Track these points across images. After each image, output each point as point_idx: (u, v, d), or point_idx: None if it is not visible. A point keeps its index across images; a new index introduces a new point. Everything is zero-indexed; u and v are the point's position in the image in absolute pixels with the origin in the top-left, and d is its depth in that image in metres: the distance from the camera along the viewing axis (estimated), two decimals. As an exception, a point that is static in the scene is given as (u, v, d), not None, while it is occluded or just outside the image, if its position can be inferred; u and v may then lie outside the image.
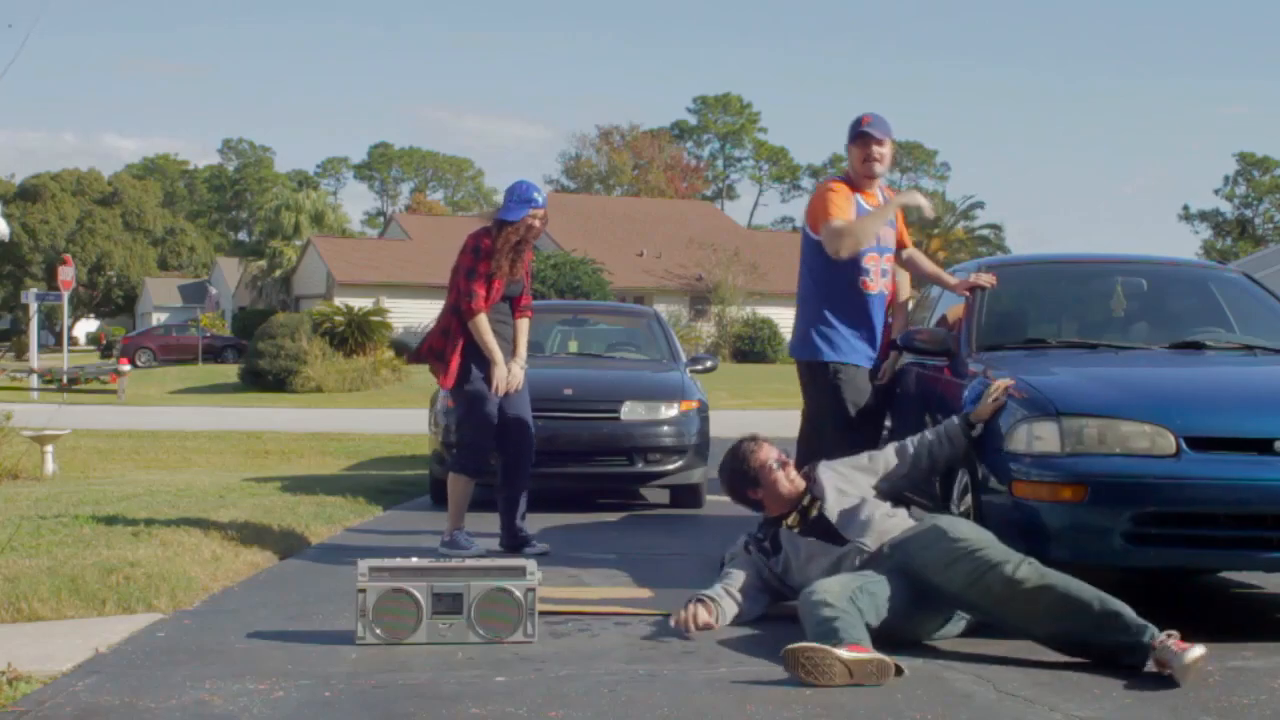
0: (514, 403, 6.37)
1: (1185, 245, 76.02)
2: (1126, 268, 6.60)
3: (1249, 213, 73.84)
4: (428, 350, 6.41)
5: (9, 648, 4.03)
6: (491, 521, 6.55)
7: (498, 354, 6.23)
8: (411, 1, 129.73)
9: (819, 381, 5.79)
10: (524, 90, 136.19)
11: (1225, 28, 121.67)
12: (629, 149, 74.25)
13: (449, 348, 6.29)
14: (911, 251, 6.16)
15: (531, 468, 6.48)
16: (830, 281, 5.80)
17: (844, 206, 5.69)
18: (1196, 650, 3.82)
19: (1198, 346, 5.65)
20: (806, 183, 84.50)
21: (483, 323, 6.22)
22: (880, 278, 5.82)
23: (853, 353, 5.76)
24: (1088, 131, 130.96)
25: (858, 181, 5.86)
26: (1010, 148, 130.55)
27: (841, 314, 5.79)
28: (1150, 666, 3.92)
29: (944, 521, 4.42)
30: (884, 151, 5.79)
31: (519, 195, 6.27)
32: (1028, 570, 4.11)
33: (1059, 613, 4.05)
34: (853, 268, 5.76)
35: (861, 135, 5.77)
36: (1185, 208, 76.89)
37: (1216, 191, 74.96)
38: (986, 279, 5.93)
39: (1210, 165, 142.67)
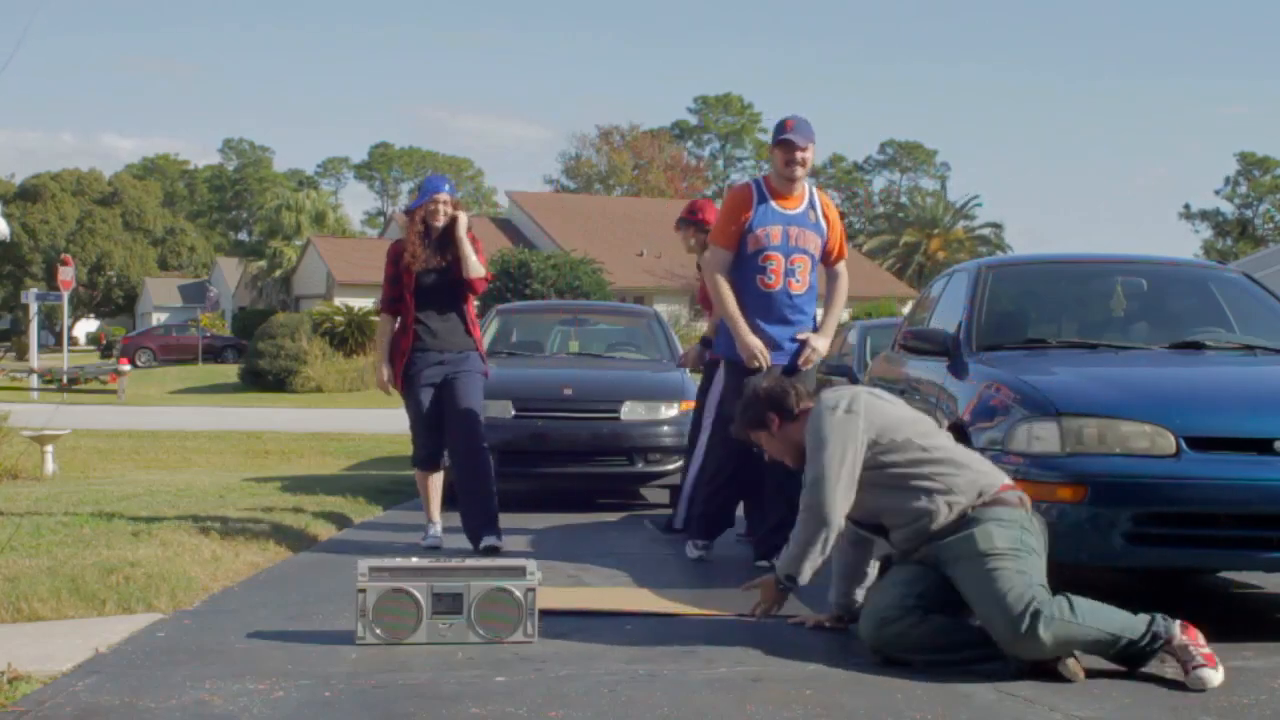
0: (458, 401, 6.42)
1: (1185, 245, 76.09)
2: (1126, 268, 6.60)
3: (1249, 213, 73.83)
4: None
5: (9, 648, 4.03)
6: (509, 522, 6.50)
7: (381, 355, 6.59)
8: (411, 1, 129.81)
9: (737, 379, 5.89)
10: (524, 90, 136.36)
11: (1225, 28, 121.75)
12: (629, 149, 74.18)
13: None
14: (838, 272, 6.21)
15: (489, 466, 6.40)
16: (734, 279, 6.00)
17: (731, 234, 5.96)
18: (1219, 675, 3.81)
19: (1198, 346, 5.65)
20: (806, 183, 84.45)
21: (379, 324, 6.69)
22: (784, 277, 5.96)
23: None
24: (1088, 131, 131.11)
25: (778, 184, 6.01)
26: (1010, 148, 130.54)
27: (744, 311, 5.96)
28: (1163, 668, 3.92)
29: (984, 535, 4.06)
30: (806, 157, 5.94)
31: (424, 186, 6.55)
32: (1043, 633, 3.83)
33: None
34: (752, 266, 5.97)
35: (784, 142, 5.89)
36: (1186, 207, 76.88)
37: (1217, 192, 75.01)
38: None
39: (1210, 165, 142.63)
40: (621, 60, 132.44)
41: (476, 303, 6.68)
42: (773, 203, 5.97)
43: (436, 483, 6.63)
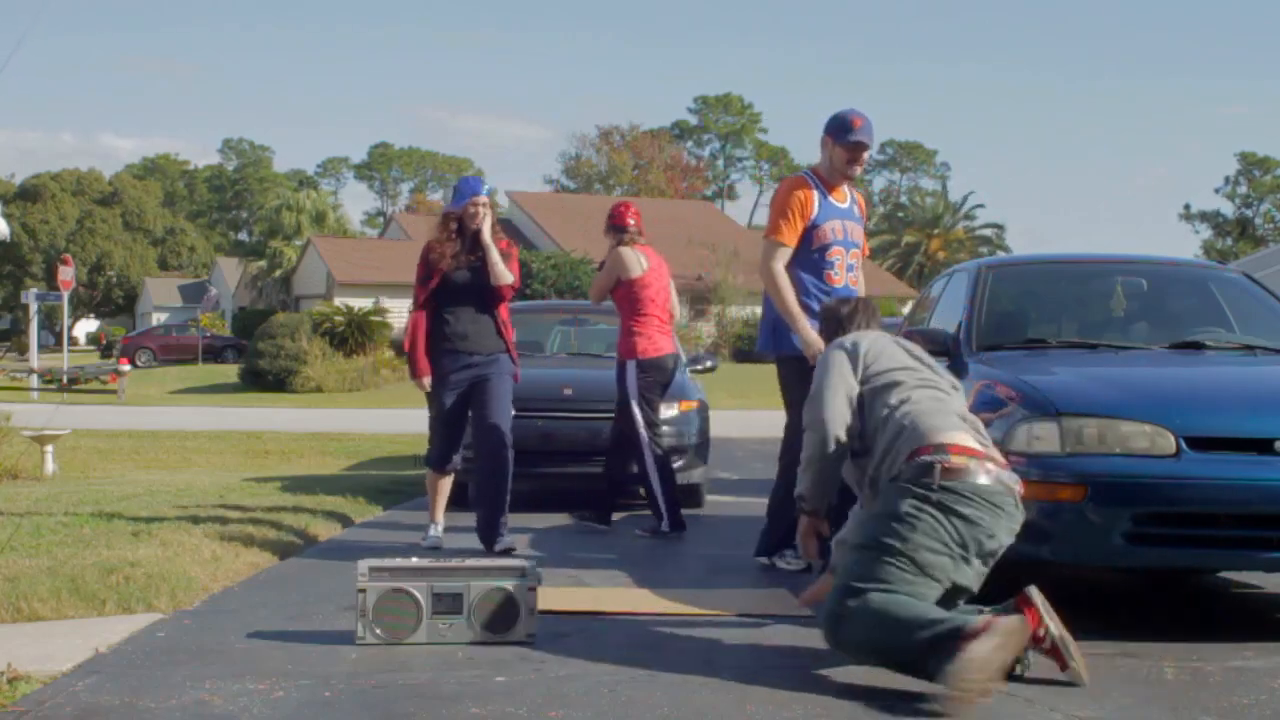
0: (487, 402, 6.39)
1: (1185, 245, 76.03)
2: (1126, 268, 6.60)
3: (1249, 213, 73.81)
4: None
5: (9, 648, 4.03)
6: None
7: (416, 352, 6.52)
8: (411, 1, 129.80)
9: (801, 374, 5.70)
10: (524, 90, 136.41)
11: (1225, 28, 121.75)
12: (629, 149, 74.17)
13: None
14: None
15: (509, 466, 6.43)
16: (795, 275, 5.85)
17: (795, 229, 5.80)
18: (1082, 672, 3.75)
19: (1198, 346, 5.65)
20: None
21: (410, 322, 6.54)
22: (846, 272, 5.91)
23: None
24: (1088, 131, 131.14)
25: (831, 178, 5.93)
26: (1010, 148, 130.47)
27: (806, 308, 5.79)
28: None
29: (860, 527, 4.12)
30: (867, 156, 5.93)
31: (461, 188, 6.54)
32: (832, 641, 3.91)
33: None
34: (819, 261, 5.85)
35: (857, 143, 5.80)
36: (1186, 207, 76.95)
37: (1217, 191, 74.98)
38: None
39: (1210, 165, 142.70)
40: (621, 60, 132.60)
41: None
42: (829, 197, 5.90)
43: (445, 485, 6.62)
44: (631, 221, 7.42)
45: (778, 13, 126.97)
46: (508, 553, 6.13)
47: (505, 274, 6.36)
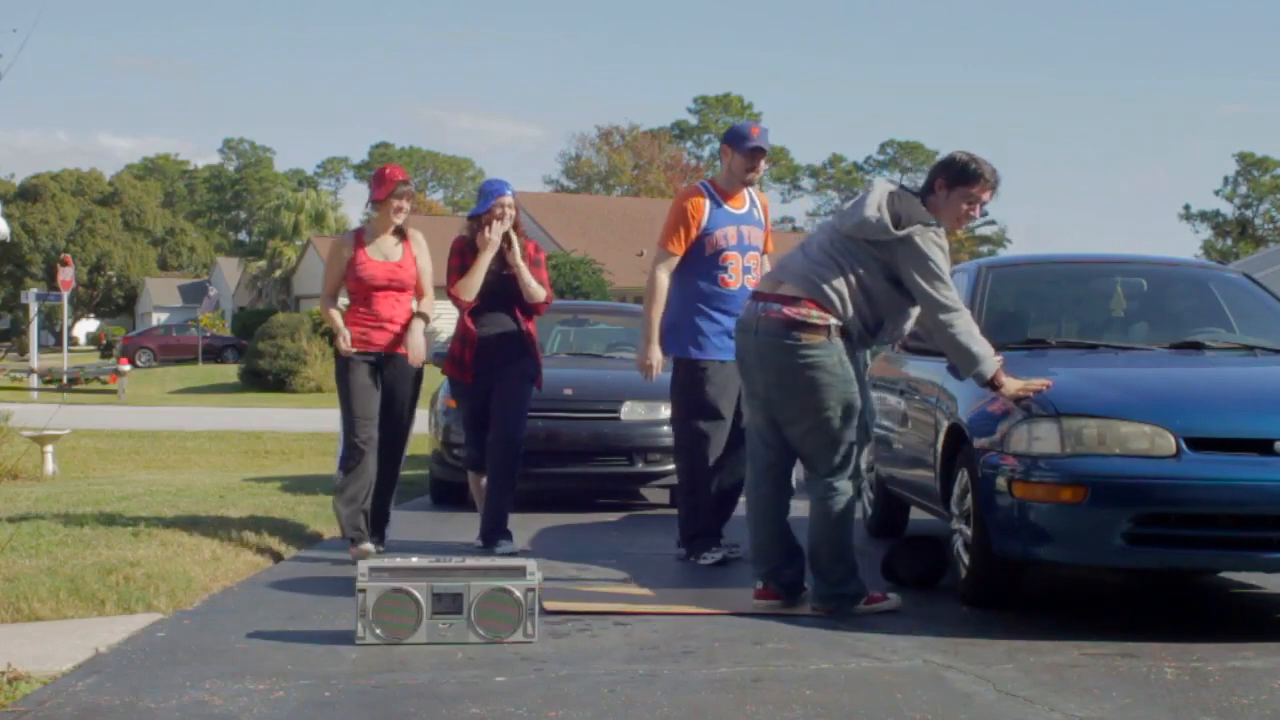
0: (500, 406, 6.43)
1: (1185, 245, 75.88)
2: (1126, 268, 6.60)
3: (1249, 213, 73.80)
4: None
5: (9, 648, 4.03)
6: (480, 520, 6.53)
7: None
8: (411, 1, 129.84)
9: (689, 377, 6.07)
10: (523, 90, 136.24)
11: (1225, 28, 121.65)
12: (629, 149, 74.18)
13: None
14: (769, 259, 6.25)
15: (516, 467, 6.47)
16: (691, 280, 6.06)
17: (683, 239, 6.03)
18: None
19: (1198, 346, 5.65)
20: (806, 183, 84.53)
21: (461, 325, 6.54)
22: (742, 274, 6.05)
23: (715, 350, 6.00)
24: (1088, 131, 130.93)
25: (729, 186, 6.10)
26: (1010, 148, 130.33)
27: (703, 312, 6.05)
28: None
29: None
30: (764, 164, 6.15)
31: (486, 190, 6.58)
32: None
33: None
34: (713, 266, 6.04)
35: (757, 149, 6.00)
36: (1186, 207, 76.67)
37: (1217, 192, 74.84)
38: None
39: (1210, 165, 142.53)
40: (621, 60, 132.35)
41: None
42: (725, 205, 6.08)
43: (480, 483, 6.66)
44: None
45: (778, 13, 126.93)
46: (509, 554, 6.13)
47: (538, 291, 6.42)
